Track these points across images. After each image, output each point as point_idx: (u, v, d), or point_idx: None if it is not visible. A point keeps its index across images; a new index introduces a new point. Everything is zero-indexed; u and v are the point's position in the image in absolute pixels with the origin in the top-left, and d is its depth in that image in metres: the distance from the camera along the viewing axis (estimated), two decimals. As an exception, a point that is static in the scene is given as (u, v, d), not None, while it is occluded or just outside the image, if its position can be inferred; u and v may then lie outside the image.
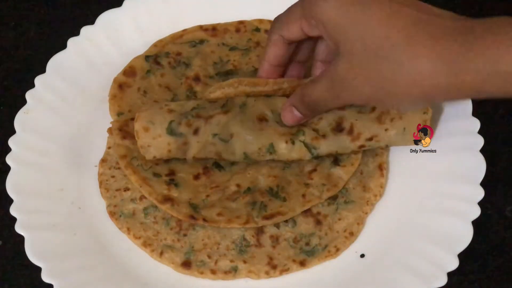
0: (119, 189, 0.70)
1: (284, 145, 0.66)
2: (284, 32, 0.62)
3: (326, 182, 0.68)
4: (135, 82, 0.76)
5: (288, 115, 0.65)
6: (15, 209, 0.65)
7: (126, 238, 0.67)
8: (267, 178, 0.69)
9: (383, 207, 0.69)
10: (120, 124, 0.71)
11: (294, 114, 0.64)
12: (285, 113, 0.65)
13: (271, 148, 0.66)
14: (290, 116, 0.65)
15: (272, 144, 0.66)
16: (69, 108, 0.74)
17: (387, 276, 0.62)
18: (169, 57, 0.78)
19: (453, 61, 0.50)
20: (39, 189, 0.68)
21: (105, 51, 0.79)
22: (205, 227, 0.66)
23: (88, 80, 0.77)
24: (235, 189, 0.68)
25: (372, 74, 0.54)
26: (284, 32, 0.62)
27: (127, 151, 0.70)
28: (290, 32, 0.62)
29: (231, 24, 0.81)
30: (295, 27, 0.61)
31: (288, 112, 0.65)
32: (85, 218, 0.68)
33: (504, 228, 0.69)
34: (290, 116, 0.65)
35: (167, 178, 0.68)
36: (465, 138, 0.69)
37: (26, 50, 0.85)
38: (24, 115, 0.72)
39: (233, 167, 0.70)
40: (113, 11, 0.80)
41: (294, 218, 0.67)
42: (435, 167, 0.69)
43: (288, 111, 0.65)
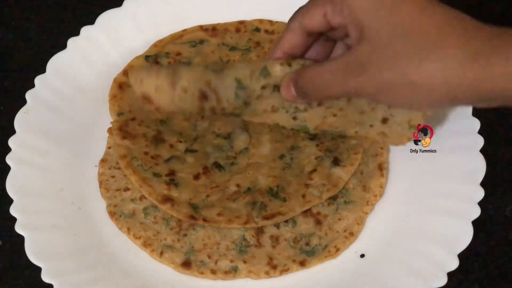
0: (119, 189, 0.70)
1: (279, 67, 0.59)
2: (305, 19, 0.58)
3: (326, 182, 0.68)
4: (135, 82, 0.76)
5: (285, 91, 0.59)
6: (15, 209, 0.65)
7: (126, 238, 0.67)
8: (267, 178, 0.69)
9: (383, 207, 0.69)
10: (120, 124, 0.72)
11: (290, 91, 0.59)
12: (283, 87, 0.59)
13: (265, 70, 0.59)
14: (287, 92, 0.59)
15: (266, 66, 0.60)
16: (69, 108, 0.74)
17: (387, 276, 0.63)
18: (169, 57, 0.78)
19: (484, 57, 0.48)
20: (39, 189, 0.68)
21: (105, 51, 0.79)
22: (205, 227, 0.66)
23: (88, 80, 0.77)
24: (235, 189, 0.68)
25: (397, 58, 0.50)
26: (305, 18, 0.58)
27: (127, 151, 0.70)
28: (312, 18, 0.57)
29: (231, 24, 0.81)
30: (318, 13, 0.56)
31: (286, 87, 0.59)
32: (85, 218, 0.68)
33: (504, 228, 0.69)
34: (287, 92, 0.59)
35: (167, 178, 0.68)
36: (465, 138, 0.69)
37: (26, 50, 0.85)
38: (24, 115, 0.72)
39: (233, 167, 0.70)
40: (113, 11, 0.80)
41: (294, 218, 0.67)
42: (435, 167, 0.69)
43: (286, 85, 0.59)
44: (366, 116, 0.61)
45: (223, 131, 0.72)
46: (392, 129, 0.61)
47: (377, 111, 0.60)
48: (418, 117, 0.60)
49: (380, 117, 0.61)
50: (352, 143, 0.71)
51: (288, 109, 0.61)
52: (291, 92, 0.59)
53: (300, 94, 0.58)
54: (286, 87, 0.59)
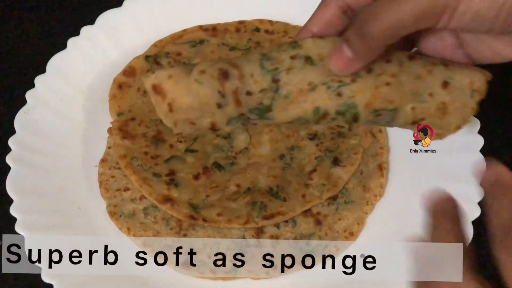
0: (119, 189, 0.70)
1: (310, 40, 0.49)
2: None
3: (326, 182, 0.68)
4: (135, 82, 0.76)
5: (337, 57, 0.47)
6: (15, 209, 0.65)
7: (126, 238, 0.67)
8: (267, 178, 0.69)
9: (383, 207, 0.69)
10: (120, 124, 0.72)
11: (344, 54, 0.46)
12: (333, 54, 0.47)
13: (294, 43, 0.49)
14: (339, 58, 0.47)
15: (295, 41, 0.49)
16: (69, 108, 0.74)
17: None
18: (169, 57, 0.78)
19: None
20: (39, 189, 0.68)
21: (105, 51, 0.78)
22: (205, 227, 0.66)
23: (88, 80, 0.77)
24: (235, 189, 0.68)
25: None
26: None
27: (127, 151, 0.70)
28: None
29: (231, 24, 0.81)
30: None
31: (338, 52, 0.47)
32: (85, 218, 0.68)
33: (504, 228, 0.69)
34: (339, 58, 0.47)
35: (167, 178, 0.68)
36: (465, 138, 0.69)
37: (26, 50, 0.85)
38: (24, 115, 0.72)
39: (233, 167, 0.70)
40: (113, 11, 0.80)
41: (294, 218, 0.67)
42: (435, 167, 0.69)
43: (337, 50, 0.47)
44: (424, 82, 0.50)
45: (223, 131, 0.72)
46: (454, 97, 0.51)
47: (435, 74, 0.50)
48: (479, 78, 0.51)
49: (439, 81, 0.50)
50: (352, 143, 0.71)
51: (330, 84, 0.48)
52: (345, 54, 0.47)
53: (362, 47, 0.46)
54: (338, 51, 0.47)
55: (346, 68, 0.47)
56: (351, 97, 0.48)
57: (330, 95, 0.48)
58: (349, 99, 0.48)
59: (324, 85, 0.48)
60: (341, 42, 0.47)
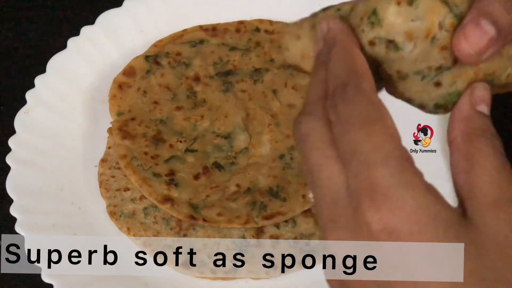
0: (119, 189, 0.70)
1: (395, 9, 0.35)
2: None
3: (326, 182, 0.68)
4: (135, 82, 0.76)
5: (474, 33, 0.36)
6: (15, 209, 0.65)
7: (126, 238, 0.67)
8: (267, 178, 0.69)
9: (383, 207, 0.69)
10: (120, 124, 0.72)
11: (484, 30, 0.35)
12: (467, 31, 0.36)
13: (373, 15, 0.36)
14: (477, 35, 0.35)
15: (376, 8, 0.36)
16: (69, 108, 0.74)
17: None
18: (169, 57, 0.78)
19: None
20: (39, 189, 0.68)
21: (105, 51, 0.78)
22: (205, 227, 0.66)
23: (88, 80, 0.77)
24: (235, 189, 0.68)
25: None
26: None
27: (127, 151, 0.70)
28: None
29: (231, 24, 0.81)
30: None
31: (474, 27, 0.36)
32: (85, 218, 0.68)
33: (504, 228, 0.69)
34: (477, 35, 0.35)
35: (167, 178, 0.68)
36: (465, 138, 0.69)
37: (26, 50, 0.85)
38: (24, 115, 0.72)
39: (233, 167, 0.70)
40: (113, 11, 0.80)
41: (294, 218, 0.67)
42: (435, 167, 0.69)
43: (473, 25, 0.36)
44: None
45: (223, 131, 0.72)
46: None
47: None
48: None
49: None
50: (352, 143, 0.71)
51: (427, 72, 0.38)
52: (489, 32, 0.36)
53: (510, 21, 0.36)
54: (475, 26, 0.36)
55: (486, 50, 0.36)
56: (453, 83, 0.38)
57: (425, 86, 0.38)
58: (451, 87, 0.38)
59: (417, 75, 0.38)
60: (477, 16, 0.36)
